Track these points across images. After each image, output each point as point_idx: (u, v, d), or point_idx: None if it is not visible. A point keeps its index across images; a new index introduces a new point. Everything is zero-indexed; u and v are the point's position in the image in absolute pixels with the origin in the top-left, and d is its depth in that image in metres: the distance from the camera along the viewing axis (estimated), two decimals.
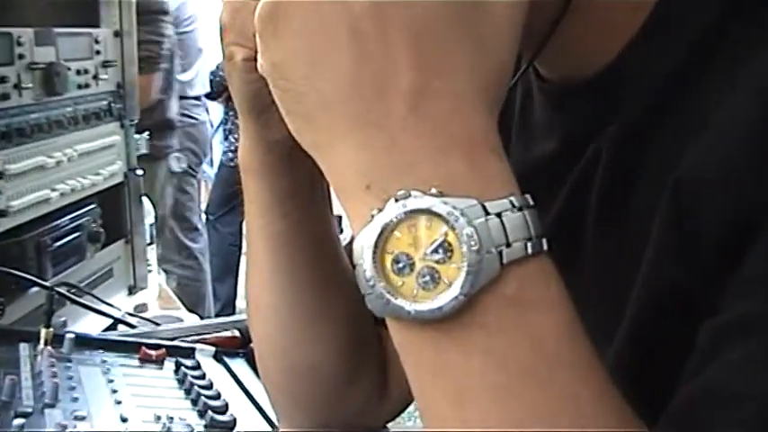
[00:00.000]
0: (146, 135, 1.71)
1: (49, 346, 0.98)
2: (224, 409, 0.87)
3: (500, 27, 0.41)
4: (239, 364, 1.04)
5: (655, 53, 0.48)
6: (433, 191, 0.37)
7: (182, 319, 1.42)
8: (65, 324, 1.10)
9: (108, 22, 1.63)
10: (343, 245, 0.67)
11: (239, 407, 0.90)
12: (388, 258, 0.38)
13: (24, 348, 0.99)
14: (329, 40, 0.39)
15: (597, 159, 0.52)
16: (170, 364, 1.01)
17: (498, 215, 0.37)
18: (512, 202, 0.38)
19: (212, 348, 1.07)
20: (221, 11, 0.56)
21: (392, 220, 0.37)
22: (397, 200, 0.37)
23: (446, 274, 0.37)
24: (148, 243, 1.75)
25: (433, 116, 0.38)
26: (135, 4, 1.68)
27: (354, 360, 0.69)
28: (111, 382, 0.93)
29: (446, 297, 0.37)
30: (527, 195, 0.39)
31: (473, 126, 0.39)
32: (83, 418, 0.82)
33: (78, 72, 1.48)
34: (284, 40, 0.40)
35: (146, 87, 2.45)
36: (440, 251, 0.37)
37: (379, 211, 0.38)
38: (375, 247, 0.37)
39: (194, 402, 0.90)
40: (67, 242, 1.42)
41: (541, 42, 0.50)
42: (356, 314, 0.67)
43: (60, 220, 1.41)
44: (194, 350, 1.06)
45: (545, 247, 0.39)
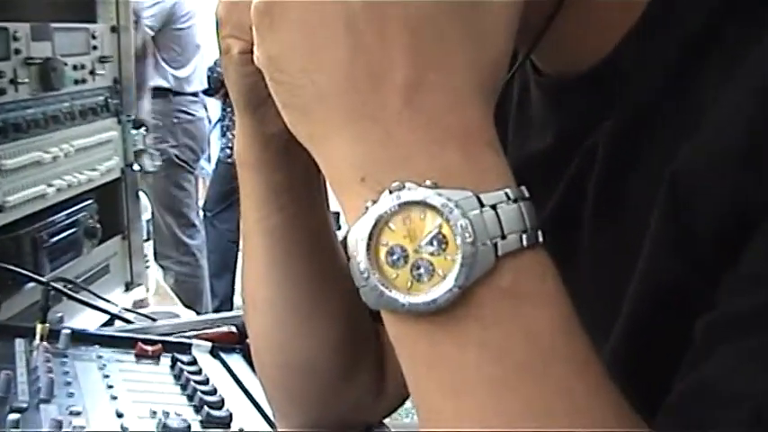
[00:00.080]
0: (143, 131, 1.71)
1: (45, 342, 0.98)
2: (220, 405, 0.87)
3: (496, 22, 0.41)
4: (236, 360, 1.04)
5: (650, 48, 0.48)
6: (428, 183, 0.37)
7: (178, 315, 1.42)
8: (61, 320, 1.09)
9: (105, 18, 1.63)
10: (339, 240, 0.67)
11: (235, 402, 0.90)
12: (382, 250, 0.37)
13: (20, 344, 0.99)
14: (325, 33, 0.39)
15: (593, 154, 0.52)
16: (166, 359, 1.01)
17: (493, 207, 0.37)
18: (507, 194, 0.38)
19: (209, 344, 1.06)
20: (218, 4, 0.56)
21: (386, 212, 0.37)
22: (391, 192, 0.37)
23: (440, 266, 0.37)
24: (145, 239, 1.75)
25: (429, 109, 0.38)
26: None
27: (351, 356, 0.69)
28: (107, 377, 0.93)
29: (440, 289, 0.36)
30: (522, 187, 0.39)
31: (468, 119, 0.39)
32: (78, 413, 0.82)
33: (75, 67, 1.48)
34: (280, 32, 0.40)
35: None
36: (434, 243, 0.37)
37: (374, 203, 0.37)
38: (369, 239, 0.37)
39: (190, 398, 0.90)
40: (64, 238, 1.42)
41: (537, 37, 0.50)
42: (352, 310, 0.67)
43: (57, 216, 1.41)
44: (191, 346, 1.06)
45: (540, 239, 0.38)
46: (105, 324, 1.32)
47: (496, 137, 0.40)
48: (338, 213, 0.41)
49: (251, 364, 0.84)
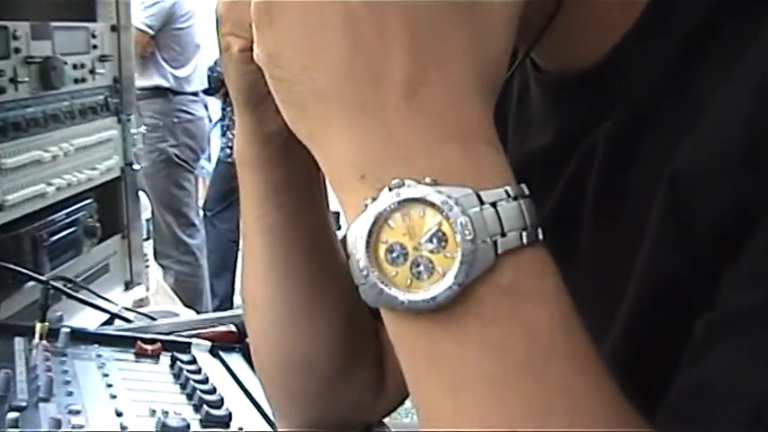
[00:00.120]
0: (142, 130, 1.71)
1: (45, 341, 0.98)
2: (219, 404, 0.87)
3: (496, 19, 0.40)
4: (235, 359, 1.04)
5: (650, 46, 0.48)
6: (428, 180, 0.37)
7: (178, 314, 1.42)
8: (61, 319, 1.09)
9: (105, 17, 1.62)
10: (339, 239, 0.66)
11: (235, 401, 0.90)
12: (381, 248, 0.37)
13: (19, 342, 0.99)
14: (325, 31, 0.39)
15: (593, 152, 0.52)
16: (166, 358, 1.01)
17: (493, 204, 0.37)
18: (507, 192, 0.38)
19: (208, 343, 1.06)
20: (218, 2, 0.56)
21: (386, 210, 0.37)
22: (391, 189, 0.37)
23: (440, 263, 0.36)
24: (145, 238, 1.75)
25: (429, 106, 0.38)
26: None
27: (350, 355, 0.69)
28: (107, 376, 0.93)
29: (440, 287, 0.36)
30: (522, 185, 0.39)
31: (468, 116, 0.39)
32: (77, 412, 0.81)
33: (75, 66, 1.48)
34: (280, 29, 0.40)
35: None
36: (434, 240, 0.37)
37: (373, 200, 0.37)
38: (369, 236, 0.37)
39: (190, 397, 0.89)
40: (64, 237, 1.41)
41: (537, 36, 0.50)
42: (352, 308, 0.67)
43: (56, 215, 1.40)
44: (190, 345, 1.06)
45: (540, 236, 0.38)
46: (105, 323, 1.31)
47: (496, 134, 0.40)
48: (338, 213, 0.41)
49: (250, 363, 0.84)
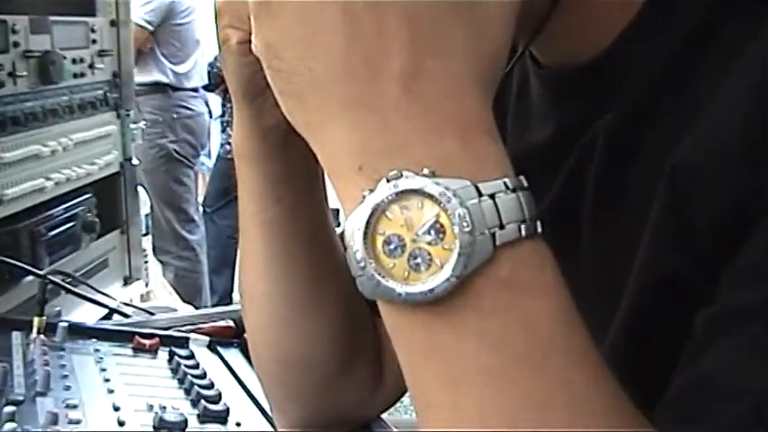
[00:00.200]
0: (141, 125, 1.71)
1: (42, 335, 0.97)
2: (217, 399, 0.86)
3: (495, 12, 0.40)
4: (233, 354, 1.04)
5: (650, 41, 0.48)
6: (426, 171, 0.37)
7: (176, 310, 1.42)
8: (59, 314, 1.09)
9: (104, 12, 1.62)
10: (338, 234, 0.66)
11: (233, 396, 0.90)
12: (379, 240, 0.37)
13: (17, 337, 0.99)
14: (323, 21, 0.38)
15: (593, 146, 0.52)
16: (164, 353, 1.01)
17: (491, 196, 0.37)
18: (505, 184, 0.37)
19: (206, 338, 1.06)
20: None
21: (383, 201, 0.37)
22: (388, 180, 0.37)
23: (438, 255, 0.36)
24: (144, 234, 1.75)
25: (427, 97, 0.38)
26: None
27: (348, 350, 0.68)
28: (104, 371, 0.92)
29: (438, 279, 0.36)
30: (521, 177, 0.38)
31: (467, 108, 0.38)
32: (75, 406, 0.81)
33: (74, 61, 1.48)
34: (278, 20, 0.40)
35: None
36: (432, 232, 0.36)
37: (371, 191, 0.37)
38: (366, 228, 0.37)
39: (187, 392, 0.89)
40: (62, 232, 1.41)
41: (537, 29, 0.50)
42: (350, 303, 0.66)
43: (55, 210, 1.40)
44: (188, 340, 1.05)
45: (539, 229, 0.38)
46: (103, 319, 1.31)
47: (495, 126, 0.39)
48: (338, 210, 0.40)
49: (248, 358, 0.83)
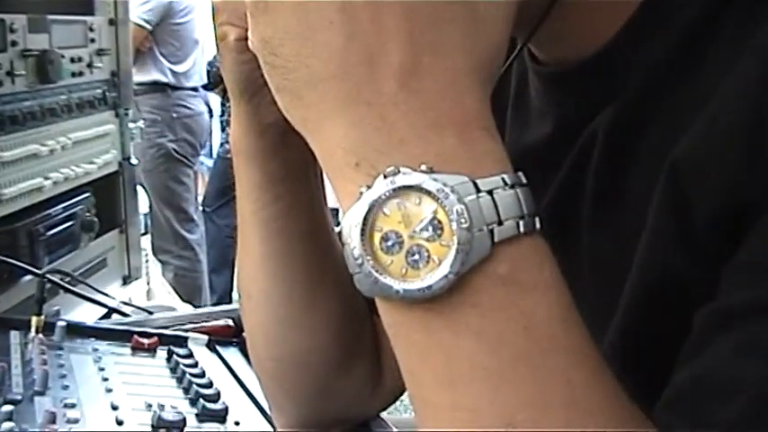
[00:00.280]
0: (140, 124, 1.71)
1: (41, 334, 0.97)
2: (216, 398, 0.86)
3: (493, 7, 0.40)
4: (232, 353, 1.03)
5: (650, 36, 0.48)
6: (423, 167, 0.36)
7: (174, 309, 1.42)
8: (58, 313, 1.08)
9: (102, 11, 1.62)
10: (336, 233, 0.66)
11: (231, 396, 0.90)
12: (376, 236, 0.37)
13: (15, 336, 0.98)
14: (320, 17, 0.38)
15: (593, 143, 0.52)
16: (162, 352, 1.00)
17: (490, 192, 0.36)
18: (504, 180, 0.37)
19: (205, 337, 1.05)
20: None
21: (381, 197, 0.36)
22: (385, 176, 0.36)
23: (436, 252, 0.36)
24: (142, 233, 1.75)
25: (424, 93, 0.37)
26: None
27: (347, 348, 0.68)
28: (103, 370, 0.92)
29: (436, 276, 0.36)
30: (519, 173, 0.38)
31: (465, 104, 0.38)
32: (72, 405, 0.81)
33: (72, 60, 1.47)
34: (275, 15, 0.40)
35: None
36: (429, 229, 0.36)
37: (368, 188, 0.37)
38: (363, 224, 0.37)
39: (186, 391, 0.89)
40: (61, 231, 1.41)
41: (536, 24, 0.49)
42: (349, 302, 0.66)
43: (53, 209, 1.40)
44: (187, 339, 1.05)
45: (538, 226, 0.38)
46: (102, 318, 1.31)
47: (493, 122, 0.39)
48: (337, 210, 0.40)
49: (247, 357, 0.83)
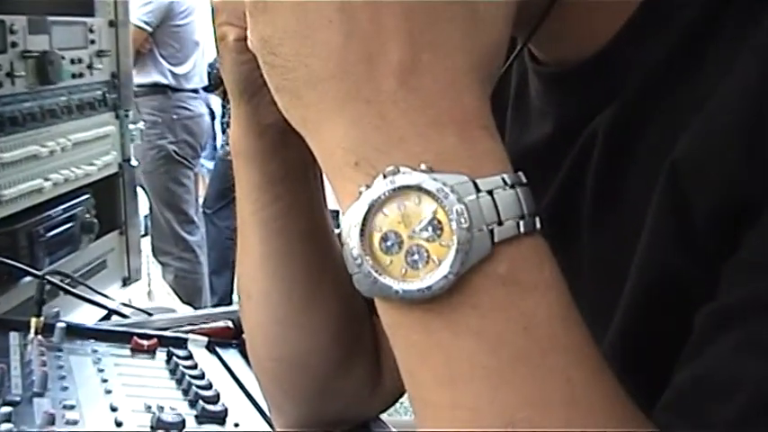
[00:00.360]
0: (141, 126, 1.70)
1: (40, 336, 0.97)
2: (215, 399, 0.86)
3: (493, 6, 0.40)
4: (232, 355, 1.03)
5: (650, 36, 0.48)
6: (423, 167, 0.36)
7: (174, 310, 1.41)
8: (57, 314, 1.08)
9: (103, 12, 1.61)
10: (336, 234, 0.66)
11: (231, 397, 0.89)
12: (376, 236, 0.37)
13: (14, 337, 0.98)
14: (319, 16, 0.38)
15: (592, 143, 0.51)
16: (162, 354, 1.00)
17: (490, 192, 0.36)
18: (504, 180, 0.37)
19: (205, 339, 1.05)
20: None
21: (380, 197, 0.36)
22: (385, 176, 0.36)
23: (435, 252, 0.36)
24: (142, 235, 1.74)
25: (424, 92, 0.37)
26: None
27: (346, 349, 0.68)
28: (102, 371, 0.92)
29: (435, 276, 0.36)
30: (519, 173, 0.38)
31: (465, 103, 0.38)
32: (72, 407, 0.81)
33: (72, 61, 1.47)
34: (274, 15, 0.39)
35: None
36: (429, 229, 0.36)
37: (368, 187, 0.37)
38: (363, 224, 0.37)
39: (186, 392, 0.89)
40: (61, 232, 1.40)
41: (536, 24, 0.49)
42: (349, 303, 0.66)
43: (53, 210, 1.39)
44: (187, 341, 1.05)
45: (538, 226, 0.38)
46: (102, 320, 1.31)
47: (493, 122, 0.39)
48: (337, 212, 0.40)
49: (247, 359, 0.83)
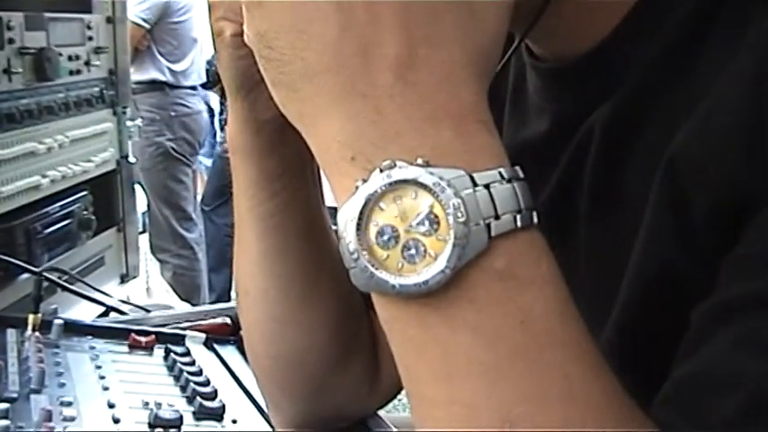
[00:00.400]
0: (138, 122, 1.70)
1: (37, 332, 0.97)
2: (213, 396, 0.86)
3: (490, 3, 0.40)
4: (230, 352, 1.03)
5: (647, 32, 0.48)
6: (420, 161, 0.36)
7: (172, 307, 1.41)
8: (55, 311, 1.08)
9: (100, 9, 1.61)
10: (333, 231, 0.66)
11: (229, 394, 0.89)
12: (372, 231, 0.36)
13: (12, 334, 0.98)
14: (315, 10, 0.38)
15: (590, 139, 0.51)
16: (159, 350, 1.00)
17: (486, 186, 0.36)
18: (501, 174, 0.37)
19: (202, 335, 1.05)
20: None
21: (377, 191, 0.36)
22: (381, 170, 0.36)
23: (432, 246, 0.36)
24: (140, 231, 1.74)
25: (421, 86, 0.37)
26: None
27: (344, 346, 0.68)
28: (100, 368, 0.92)
29: (432, 271, 0.35)
30: (516, 167, 0.38)
31: (461, 97, 0.38)
32: (69, 403, 0.80)
33: (70, 58, 1.47)
34: (270, 9, 0.39)
35: None
36: (426, 223, 0.36)
37: (364, 182, 0.36)
38: (359, 218, 0.36)
39: (183, 389, 0.88)
40: (58, 229, 1.40)
41: (533, 20, 0.49)
42: (346, 300, 0.66)
43: (51, 207, 1.39)
44: (184, 337, 1.05)
45: (535, 220, 0.38)
46: (100, 316, 1.31)
47: (490, 116, 0.39)
48: (335, 208, 0.40)
49: (245, 355, 0.83)
